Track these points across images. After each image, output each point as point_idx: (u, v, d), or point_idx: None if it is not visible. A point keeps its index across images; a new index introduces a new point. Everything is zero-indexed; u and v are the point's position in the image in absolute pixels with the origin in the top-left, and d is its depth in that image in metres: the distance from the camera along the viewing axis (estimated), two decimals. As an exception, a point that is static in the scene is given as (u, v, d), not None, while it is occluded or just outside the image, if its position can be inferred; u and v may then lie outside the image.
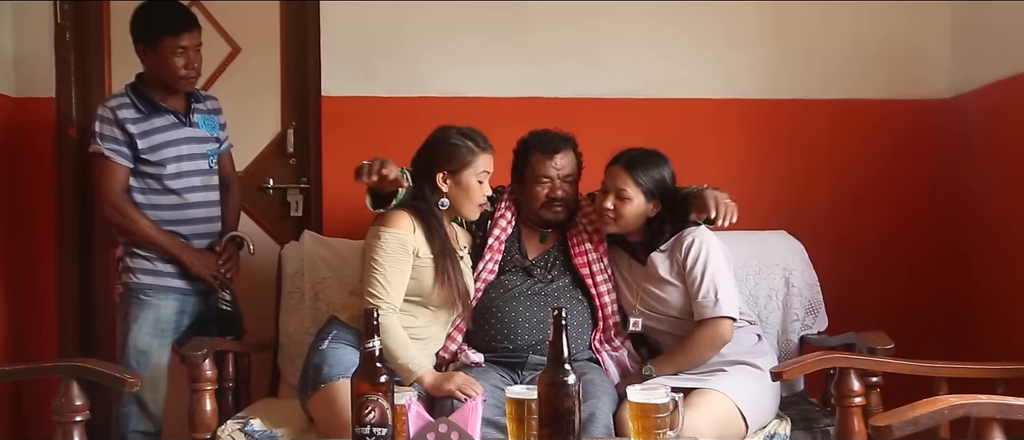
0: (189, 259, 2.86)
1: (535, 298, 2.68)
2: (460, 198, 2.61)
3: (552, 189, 2.73)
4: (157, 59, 2.81)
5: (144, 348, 2.84)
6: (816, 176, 3.36)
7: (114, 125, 2.80)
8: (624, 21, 3.34)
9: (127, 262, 2.88)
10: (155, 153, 2.83)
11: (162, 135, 2.85)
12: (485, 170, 2.60)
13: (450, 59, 3.34)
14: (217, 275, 2.90)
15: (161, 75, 2.83)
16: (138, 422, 2.85)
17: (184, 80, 2.84)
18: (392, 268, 2.50)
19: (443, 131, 2.62)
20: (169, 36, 2.78)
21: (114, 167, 2.81)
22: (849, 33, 3.35)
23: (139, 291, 2.85)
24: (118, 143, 2.80)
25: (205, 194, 2.95)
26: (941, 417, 1.82)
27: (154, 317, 2.85)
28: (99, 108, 2.84)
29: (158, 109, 2.86)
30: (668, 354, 2.59)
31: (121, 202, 2.82)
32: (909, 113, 3.35)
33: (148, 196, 2.86)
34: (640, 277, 2.71)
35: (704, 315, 2.55)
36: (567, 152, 2.74)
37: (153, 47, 2.80)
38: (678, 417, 2.06)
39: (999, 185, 3.04)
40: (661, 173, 2.66)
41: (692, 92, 3.37)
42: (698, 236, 2.61)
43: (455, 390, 2.42)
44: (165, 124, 2.86)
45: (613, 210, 2.64)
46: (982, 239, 3.16)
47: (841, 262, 3.26)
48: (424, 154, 2.63)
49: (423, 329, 2.60)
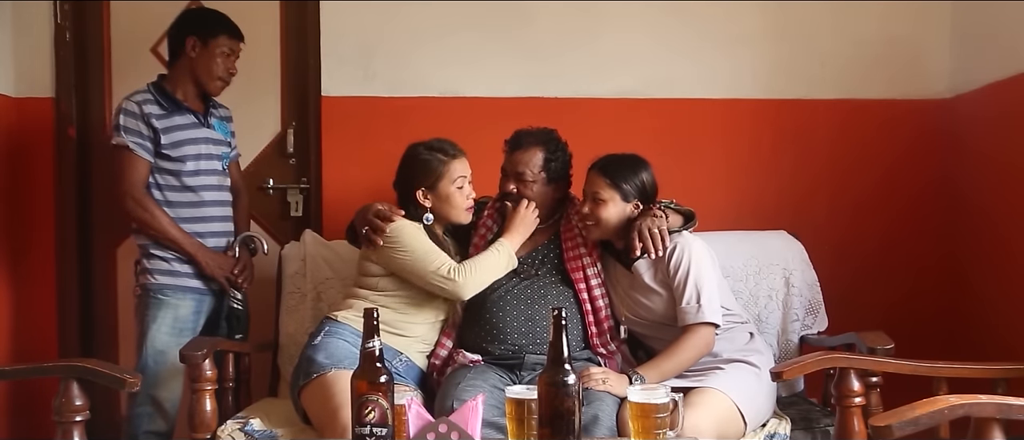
0: (205, 260, 2.88)
1: (521, 296, 2.69)
2: (444, 208, 2.67)
3: (506, 183, 2.76)
4: (205, 53, 2.87)
5: (162, 348, 2.85)
6: (816, 177, 3.36)
7: (139, 119, 2.83)
8: (625, 21, 3.34)
9: (144, 263, 2.90)
10: (176, 149, 2.86)
11: (183, 133, 2.88)
12: (461, 176, 2.66)
13: (450, 59, 3.34)
14: (230, 277, 2.93)
15: (199, 71, 2.89)
16: (150, 422, 2.86)
17: (219, 82, 2.92)
18: (429, 244, 2.60)
19: (412, 149, 2.70)
20: (226, 36, 2.90)
21: (137, 161, 2.83)
22: (850, 33, 3.35)
23: (157, 291, 2.87)
24: (142, 137, 2.83)
25: (220, 194, 2.99)
26: (941, 417, 1.82)
27: (172, 317, 2.87)
28: (123, 102, 2.87)
29: (180, 107, 2.90)
30: (654, 360, 2.59)
31: (143, 196, 2.84)
32: (909, 113, 3.35)
33: (165, 193, 2.88)
34: (627, 285, 2.71)
35: (687, 321, 2.56)
36: (529, 151, 2.73)
37: (206, 42, 2.87)
38: (678, 417, 2.07)
39: (999, 185, 3.04)
40: (638, 175, 2.67)
41: (692, 92, 3.36)
42: (681, 243, 2.62)
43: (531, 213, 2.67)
44: (186, 122, 2.90)
45: (590, 214, 2.65)
46: (982, 238, 3.16)
47: (841, 262, 3.26)
48: (401, 176, 2.71)
49: (409, 326, 2.64)
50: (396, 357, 2.59)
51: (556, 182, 2.78)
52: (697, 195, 2.96)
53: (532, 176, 2.73)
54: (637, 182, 2.66)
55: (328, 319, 2.65)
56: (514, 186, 2.75)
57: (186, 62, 2.90)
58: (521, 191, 2.74)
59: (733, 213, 3.28)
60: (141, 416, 2.86)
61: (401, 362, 2.61)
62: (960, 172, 3.28)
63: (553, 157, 2.75)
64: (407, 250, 2.58)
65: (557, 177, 2.77)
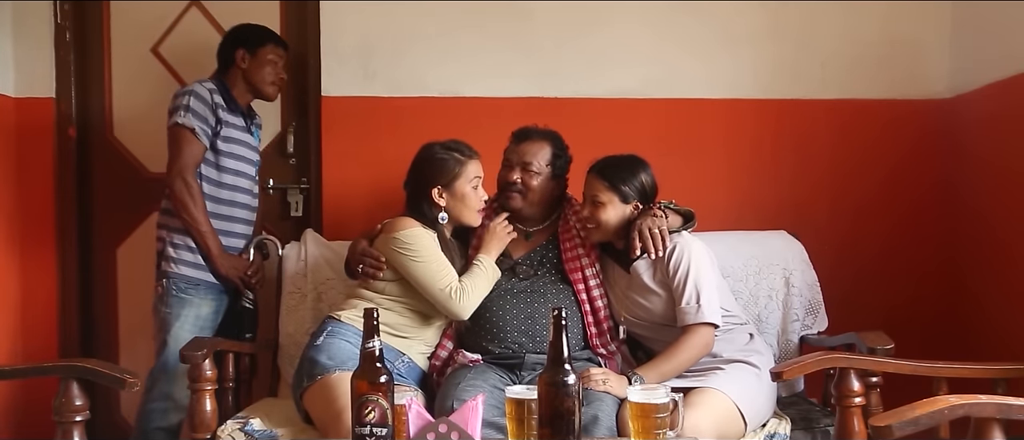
0: (219, 260, 2.91)
1: (520, 295, 2.69)
2: (458, 208, 2.67)
3: (509, 173, 2.76)
4: (255, 64, 3.00)
5: None
6: (816, 177, 3.36)
7: (208, 106, 2.89)
8: (625, 21, 3.34)
9: (170, 252, 2.92)
10: (227, 145, 2.94)
11: (235, 132, 2.97)
12: (476, 176, 2.68)
13: (450, 59, 3.34)
14: (244, 278, 2.97)
15: (254, 79, 3.01)
16: (162, 418, 2.89)
17: (273, 87, 3.04)
18: (437, 255, 2.60)
19: (428, 148, 2.70)
20: (272, 45, 3.03)
21: (197, 144, 2.89)
22: (850, 33, 3.35)
23: (179, 286, 2.89)
24: (207, 123, 2.89)
25: (248, 198, 3.05)
26: (941, 417, 1.82)
27: (195, 315, 2.91)
28: (193, 85, 2.93)
29: (237, 108, 2.98)
30: (653, 361, 2.59)
31: (193, 179, 2.88)
32: (909, 113, 3.35)
33: (202, 182, 2.91)
34: (625, 286, 2.71)
35: (686, 321, 2.56)
36: (538, 143, 2.76)
37: (255, 52, 2.99)
38: (678, 417, 2.07)
39: (999, 185, 3.04)
40: (637, 177, 2.67)
41: (693, 92, 3.36)
42: (680, 243, 2.62)
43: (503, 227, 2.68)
44: (238, 124, 2.99)
45: (590, 217, 2.65)
46: (982, 238, 3.16)
47: (841, 262, 3.26)
48: (414, 175, 2.70)
49: (412, 329, 2.65)
50: (398, 358, 2.59)
51: (558, 179, 2.80)
52: (698, 195, 2.96)
53: (539, 168, 2.74)
54: (636, 183, 2.66)
55: (330, 319, 2.64)
56: (518, 176, 2.75)
57: (237, 72, 3.00)
58: (525, 181, 2.75)
59: (734, 213, 3.28)
60: (154, 412, 2.88)
61: (403, 363, 2.61)
62: (960, 172, 3.28)
63: (560, 154, 2.78)
64: (423, 259, 2.59)
65: (560, 174, 2.80)
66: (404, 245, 2.59)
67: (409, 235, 2.59)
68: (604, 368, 2.60)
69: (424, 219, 2.67)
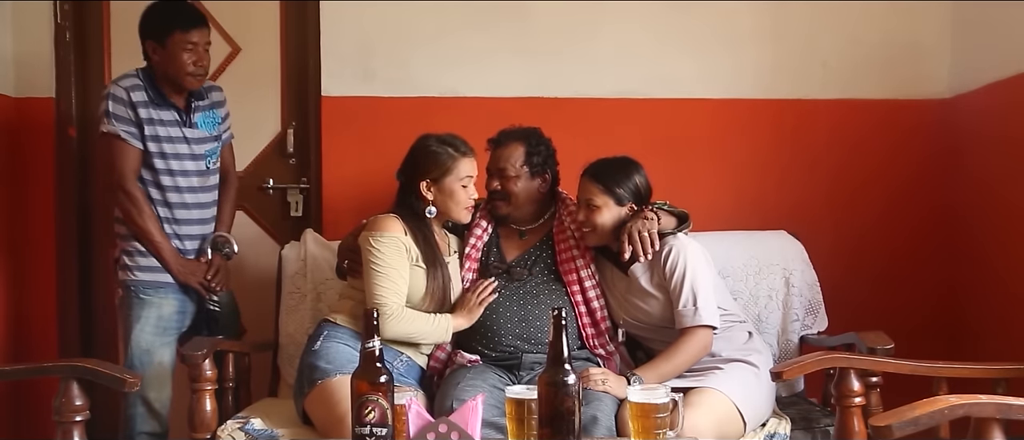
0: (176, 268, 2.84)
1: (514, 297, 2.68)
2: (446, 203, 2.64)
3: (490, 182, 2.76)
4: (167, 55, 2.79)
5: (147, 347, 2.83)
6: (816, 176, 3.36)
7: (127, 106, 2.78)
8: (624, 21, 3.34)
9: (124, 260, 2.86)
10: (156, 144, 2.82)
11: (164, 129, 2.84)
12: (468, 175, 2.63)
13: (450, 59, 3.33)
14: (204, 283, 2.89)
15: (169, 72, 2.80)
16: (144, 423, 2.84)
17: (191, 77, 2.82)
18: (393, 270, 2.51)
19: (424, 140, 2.66)
20: (179, 32, 2.77)
21: (129, 149, 2.78)
22: (849, 33, 3.35)
23: (139, 290, 2.84)
24: (130, 124, 2.78)
25: (200, 195, 2.93)
26: (941, 417, 1.82)
27: (156, 316, 2.85)
28: (110, 87, 2.81)
29: (165, 102, 2.84)
30: (652, 362, 2.59)
31: (135, 189, 2.79)
32: (909, 113, 3.35)
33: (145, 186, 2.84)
34: (624, 289, 2.71)
35: (684, 324, 2.55)
36: (510, 147, 2.74)
37: (163, 43, 2.78)
38: (678, 417, 2.07)
39: (999, 185, 3.04)
40: (631, 178, 2.66)
41: (692, 92, 3.36)
42: (677, 246, 2.61)
43: (477, 303, 2.60)
44: (168, 119, 2.85)
45: (586, 221, 2.65)
46: (982, 238, 3.16)
47: (841, 262, 3.26)
48: (407, 164, 2.67)
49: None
50: (397, 357, 2.58)
51: (540, 175, 2.77)
52: (697, 195, 2.96)
53: (514, 171, 2.72)
54: (631, 185, 2.65)
55: (326, 322, 2.63)
56: (497, 183, 2.75)
57: (157, 62, 2.82)
58: (504, 187, 2.74)
59: (733, 213, 3.28)
60: (135, 417, 2.84)
61: (402, 362, 2.60)
62: (960, 172, 3.27)
63: (534, 151, 2.74)
64: (377, 266, 2.50)
65: (540, 170, 2.76)
66: (370, 245, 2.53)
67: (380, 238, 2.53)
68: (603, 368, 2.60)
69: (411, 212, 2.63)
